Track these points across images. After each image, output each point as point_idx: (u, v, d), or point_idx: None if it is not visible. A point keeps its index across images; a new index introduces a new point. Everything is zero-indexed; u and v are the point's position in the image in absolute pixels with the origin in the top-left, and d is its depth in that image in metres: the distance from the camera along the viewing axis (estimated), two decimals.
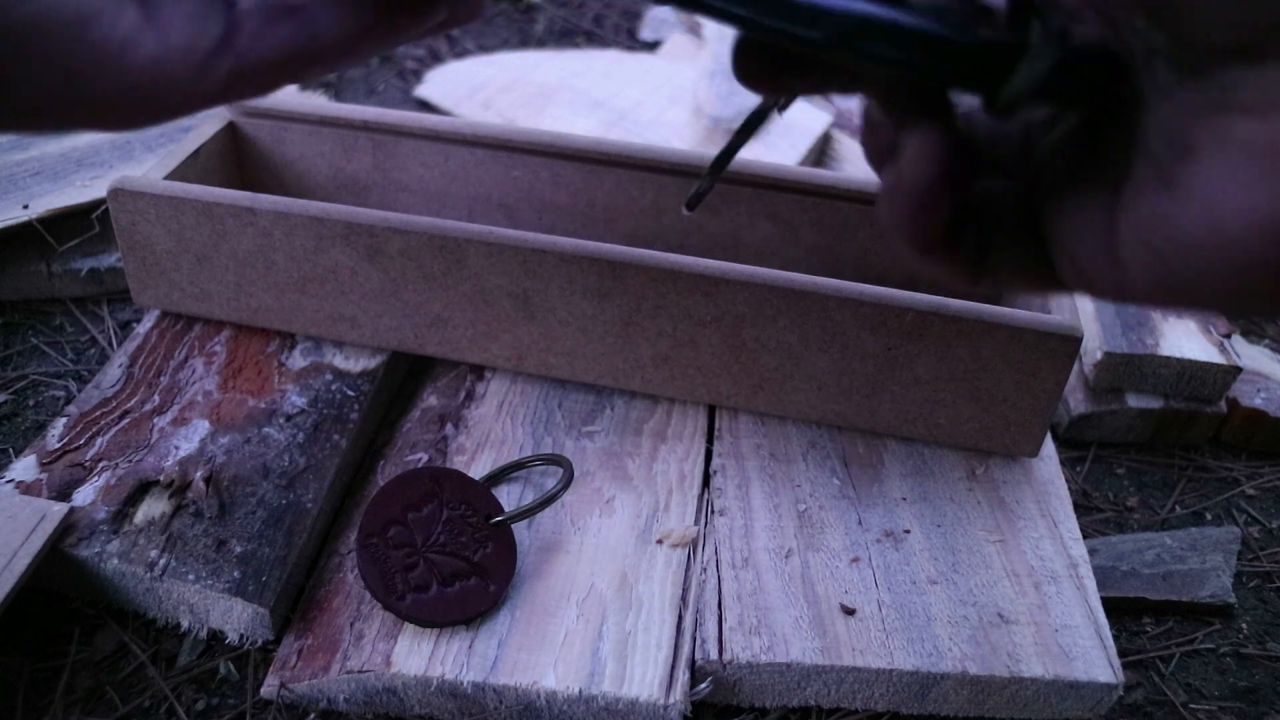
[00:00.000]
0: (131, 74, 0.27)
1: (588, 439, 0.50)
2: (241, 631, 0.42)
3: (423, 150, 0.57)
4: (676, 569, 0.44)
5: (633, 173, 0.56)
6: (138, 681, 0.42)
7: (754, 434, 0.51)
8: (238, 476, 0.46)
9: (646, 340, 0.49)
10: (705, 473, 0.49)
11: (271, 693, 0.40)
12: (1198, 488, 0.56)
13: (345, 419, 0.49)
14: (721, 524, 0.46)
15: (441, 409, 0.51)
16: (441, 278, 0.49)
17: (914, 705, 0.41)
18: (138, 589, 0.42)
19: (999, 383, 0.47)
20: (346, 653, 0.40)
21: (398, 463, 0.49)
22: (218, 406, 0.49)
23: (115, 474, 0.45)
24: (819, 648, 0.40)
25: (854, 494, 0.48)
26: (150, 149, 0.66)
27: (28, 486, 0.44)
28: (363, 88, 0.90)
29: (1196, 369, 0.56)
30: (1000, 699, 0.41)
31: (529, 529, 0.45)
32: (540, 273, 0.48)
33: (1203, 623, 0.48)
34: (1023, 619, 0.42)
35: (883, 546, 0.45)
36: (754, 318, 0.47)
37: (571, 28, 1.06)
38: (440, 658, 0.39)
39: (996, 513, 0.47)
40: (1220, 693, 0.45)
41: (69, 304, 0.62)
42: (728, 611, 0.42)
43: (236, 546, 0.42)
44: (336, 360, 0.53)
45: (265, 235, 0.49)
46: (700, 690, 0.40)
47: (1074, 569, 0.45)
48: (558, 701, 0.39)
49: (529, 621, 0.41)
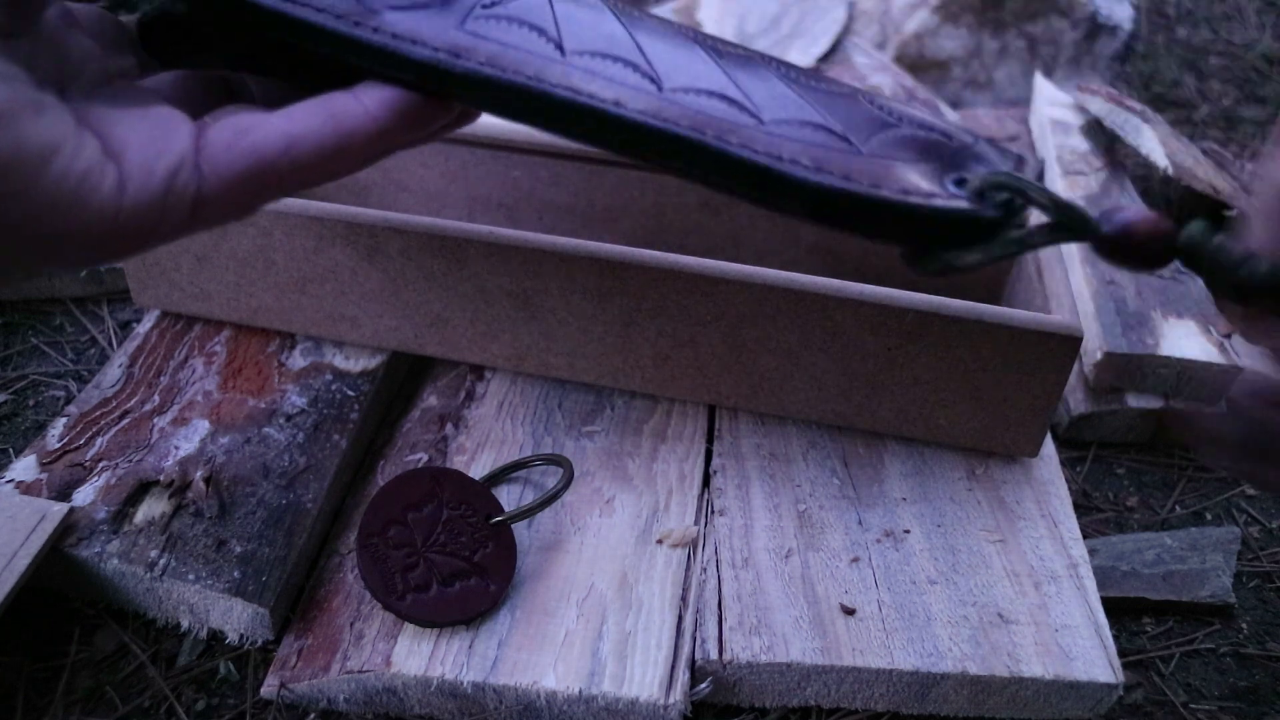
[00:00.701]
0: (90, 211, 0.25)
1: (588, 439, 0.50)
2: (241, 631, 0.42)
3: (423, 150, 0.57)
4: (676, 569, 0.44)
5: (633, 173, 0.56)
6: (138, 681, 0.42)
7: (754, 434, 0.51)
8: (238, 476, 0.46)
9: (646, 340, 0.49)
10: (705, 473, 0.49)
11: (271, 693, 0.40)
12: (1198, 488, 0.56)
13: (345, 419, 0.49)
14: (721, 524, 0.46)
15: (441, 409, 0.51)
16: (441, 278, 0.49)
17: (914, 705, 0.41)
18: (138, 589, 0.42)
19: (999, 383, 0.47)
20: (346, 653, 0.40)
21: (398, 463, 0.49)
22: (218, 406, 0.49)
23: (115, 474, 0.45)
24: (819, 648, 0.40)
25: (854, 494, 0.48)
26: None
27: (28, 486, 0.44)
28: None
29: (1196, 369, 0.56)
30: (1000, 699, 0.41)
31: (529, 529, 0.45)
32: (540, 273, 0.48)
33: (1203, 623, 0.48)
34: (1023, 619, 0.42)
35: (883, 546, 0.45)
36: (754, 318, 0.47)
37: None
38: (440, 658, 0.39)
39: (996, 513, 0.47)
40: (1220, 693, 0.45)
41: (69, 304, 0.62)
42: (728, 611, 0.42)
43: (236, 546, 0.42)
44: (336, 360, 0.53)
45: (265, 235, 0.49)
46: (700, 690, 0.40)
47: (1074, 569, 0.45)
48: (558, 701, 0.39)
49: (529, 621, 0.41)
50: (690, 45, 0.34)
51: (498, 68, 0.31)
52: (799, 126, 0.32)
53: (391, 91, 0.30)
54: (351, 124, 0.29)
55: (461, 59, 0.31)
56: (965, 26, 0.92)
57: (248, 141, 0.28)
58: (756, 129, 0.31)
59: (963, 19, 0.92)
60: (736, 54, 0.34)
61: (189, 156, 0.27)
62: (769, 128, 0.31)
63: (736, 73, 0.33)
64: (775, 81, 0.33)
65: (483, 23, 0.32)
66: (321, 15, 0.31)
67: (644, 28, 0.34)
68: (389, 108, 0.30)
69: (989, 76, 0.94)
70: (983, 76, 0.94)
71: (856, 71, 0.85)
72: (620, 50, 0.33)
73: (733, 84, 0.32)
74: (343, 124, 0.29)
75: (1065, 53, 0.95)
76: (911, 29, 0.91)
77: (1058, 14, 0.93)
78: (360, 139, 0.30)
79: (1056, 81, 0.91)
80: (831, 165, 0.31)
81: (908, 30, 0.92)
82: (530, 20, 0.33)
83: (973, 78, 0.94)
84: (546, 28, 0.33)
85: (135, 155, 0.26)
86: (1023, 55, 0.94)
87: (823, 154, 0.31)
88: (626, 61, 0.32)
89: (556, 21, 0.33)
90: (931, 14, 0.91)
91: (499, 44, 0.32)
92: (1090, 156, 0.76)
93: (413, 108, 0.31)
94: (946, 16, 0.91)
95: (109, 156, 0.26)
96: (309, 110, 0.29)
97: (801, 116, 0.32)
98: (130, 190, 0.26)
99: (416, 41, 0.31)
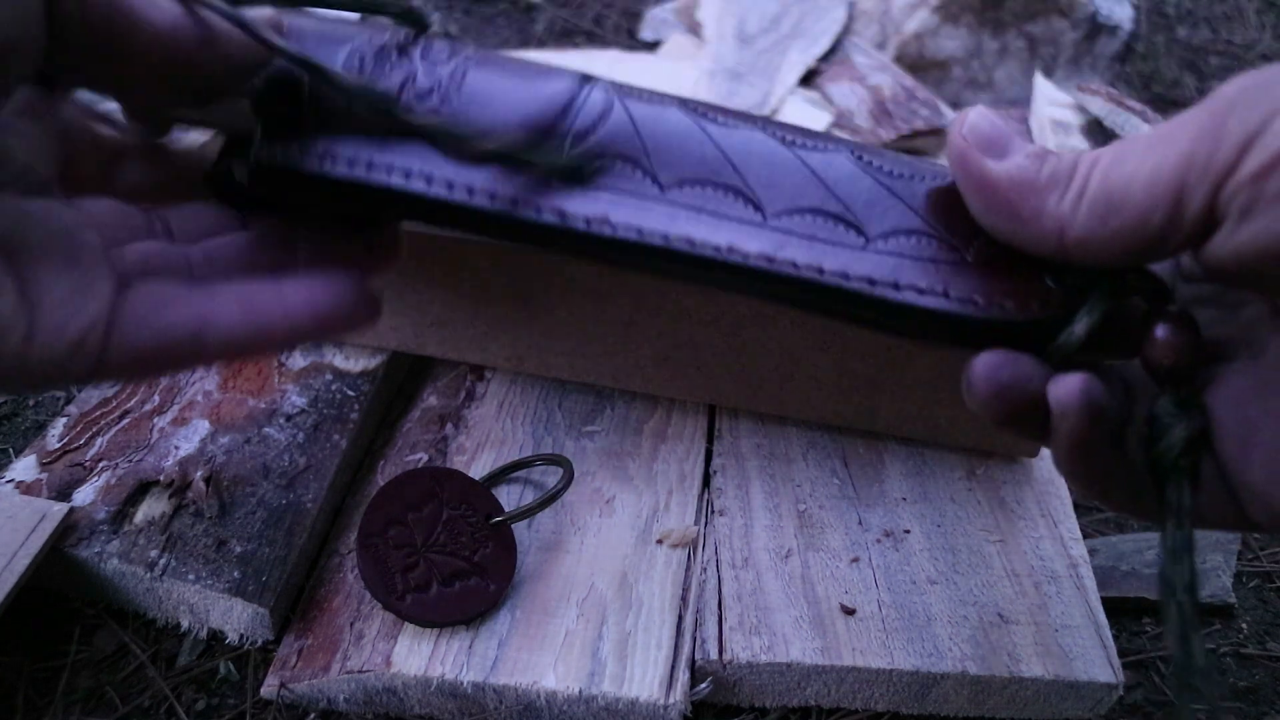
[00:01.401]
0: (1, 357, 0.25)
1: (588, 439, 0.50)
2: (241, 631, 0.42)
3: None
4: (676, 569, 0.44)
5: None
6: (138, 681, 0.42)
7: (754, 434, 0.51)
8: (238, 476, 0.46)
9: (646, 340, 0.49)
10: (705, 473, 0.49)
11: (271, 693, 0.40)
12: None
13: (345, 419, 0.49)
14: (721, 524, 0.46)
15: (441, 409, 0.51)
16: (442, 278, 0.49)
17: (914, 705, 0.41)
18: (138, 589, 0.42)
19: None
20: (346, 653, 0.40)
21: (398, 463, 0.49)
22: (218, 406, 0.49)
23: (115, 474, 0.45)
24: (819, 648, 0.40)
25: (854, 494, 0.48)
26: None
27: (28, 486, 0.44)
28: None
29: None
30: (1000, 699, 0.41)
31: (529, 529, 0.45)
32: (540, 273, 0.48)
33: (1203, 623, 0.48)
34: (1023, 619, 0.42)
35: (883, 546, 0.45)
36: (754, 318, 0.47)
37: (571, 28, 1.06)
38: (440, 658, 0.39)
39: (996, 512, 0.47)
40: (1220, 693, 0.45)
41: None
42: (728, 611, 0.42)
43: (236, 546, 0.42)
44: (336, 360, 0.53)
45: None
46: (700, 690, 0.40)
47: (1074, 569, 0.45)
48: (558, 701, 0.39)
49: (529, 621, 0.41)
50: (766, 139, 0.33)
51: (606, 224, 0.31)
52: (904, 237, 0.31)
53: (318, 294, 0.30)
54: (268, 324, 0.29)
55: (568, 221, 0.31)
56: (965, 26, 0.92)
57: (161, 321, 0.27)
58: (866, 253, 0.31)
59: (963, 19, 0.92)
60: (811, 144, 0.33)
61: (101, 322, 0.27)
62: (876, 245, 0.31)
63: (826, 171, 0.32)
64: (859, 174, 0.32)
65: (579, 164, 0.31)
66: (434, 188, 0.31)
67: (718, 127, 0.33)
68: (311, 313, 0.30)
69: (989, 76, 0.94)
70: (983, 76, 0.94)
71: (856, 71, 0.85)
72: (715, 171, 0.32)
73: (828, 191, 0.32)
74: (258, 322, 0.29)
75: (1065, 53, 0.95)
76: (911, 29, 0.91)
77: (1058, 14, 0.93)
78: (274, 340, 0.29)
79: (1056, 81, 0.91)
80: (951, 285, 0.30)
81: (908, 30, 0.92)
82: (622, 149, 0.32)
83: (973, 78, 0.94)
84: (638, 156, 0.32)
85: (48, 312, 0.26)
86: (1023, 55, 0.94)
87: (934, 270, 0.30)
88: (727, 187, 0.32)
89: (643, 141, 0.32)
90: (931, 14, 0.91)
91: (601, 194, 0.31)
92: None
93: (336, 316, 0.30)
94: (946, 16, 0.91)
95: (22, 305, 0.25)
96: (230, 298, 0.29)
97: (902, 224, 0.31)
98: (37, 344, 0.26)
99: (519, 202, 0.31)
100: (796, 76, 0.83)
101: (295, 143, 0.31)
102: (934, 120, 0.78)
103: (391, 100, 0.31)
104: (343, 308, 0.31)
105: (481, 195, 0.31)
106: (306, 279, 0.31)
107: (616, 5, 1.10)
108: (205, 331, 0.28)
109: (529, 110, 0.31)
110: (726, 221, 0.31)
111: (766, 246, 0.31)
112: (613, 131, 0.32)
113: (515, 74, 0.32)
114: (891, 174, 0.32)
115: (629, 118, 0.32)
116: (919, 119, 0.78)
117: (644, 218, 0.31)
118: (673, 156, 0.32)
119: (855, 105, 0.80)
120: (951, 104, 0.90)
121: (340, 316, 0.31)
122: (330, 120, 0.31)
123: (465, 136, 0.31)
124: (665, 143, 0.32)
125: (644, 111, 0.32)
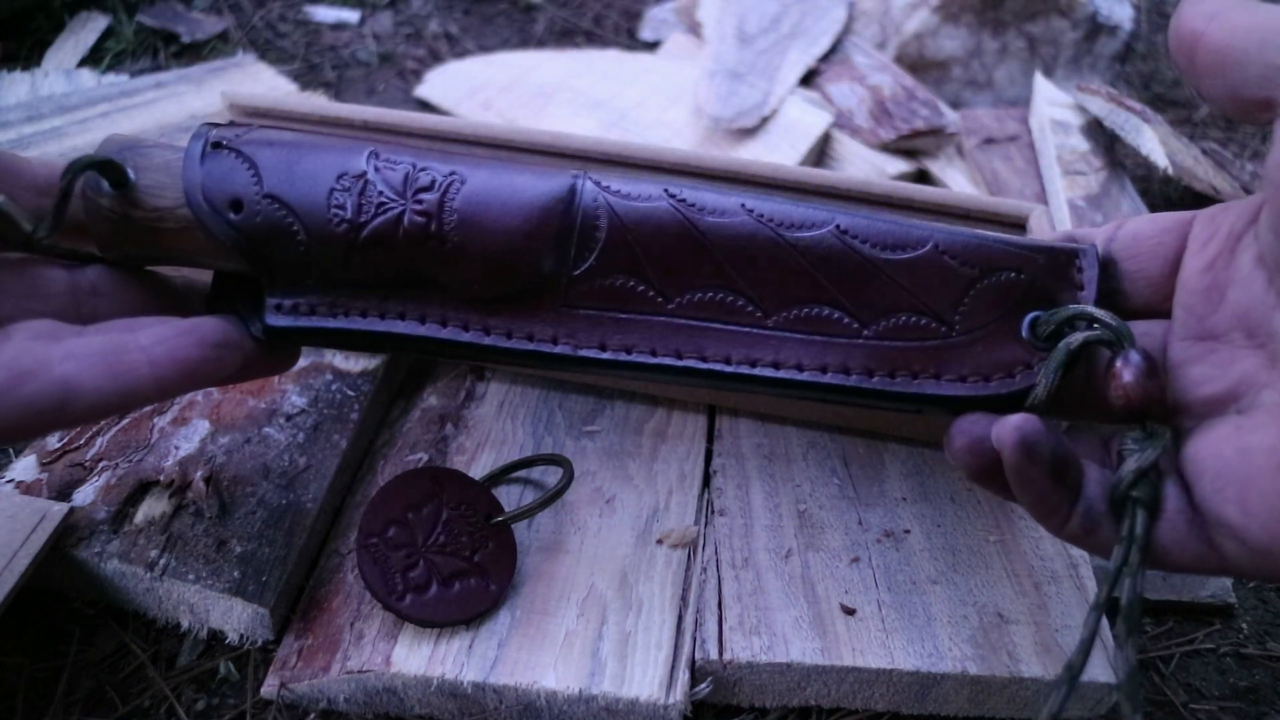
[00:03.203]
0: None
1: (588, 439, 0.50)
2: (241, 631, 0.42)
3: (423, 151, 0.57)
4: (676, 569, 0.44)
5: (633, 173, 0.56)
6: (138, 681, 0.42)
7: (754, 434, 0.51)
8: (238, 476, 0.46)
9: None
10: (705, 473, 0.49)
11: (271, 693, 0.40)
12: None
13: (345, 419, 0.49)
14: (721, 524, 0.46)
15: (441, 409, 0.51)
16: None
17: (914, 705, 0.41)
18: (138, 589, 0.42)
19: None
20: (346, 653, 0.40)
21: (398, 463, 0.49)
22: (218, 406, 0.49)
23: (115, 474, 0.45)
24: (819, 648, 0.40)
25: (854, 494, 0.48)
26: None
27: (28, 486, 0.44)
28: (363, 87, 0.90)
29: None
30: (1000, 699, 0.41)
31: (529, 529, 0.45)
32: None
33: (1203, 623, 0.48)
34: (1023, 619, 0.42)
35: (883, 546, 0.45)
36: None
37: (571, 28, 1.06)
38: (440, 658, 0.39)
39: (996, 513, 0.47)
40: (1220, 693, 0.45)
41: None
42: (728, 611, 0.42)
43: (236, 546, 0.42)
44: (336, 360, 0.52)
45: None
46: (700, 690, 0.40)
47: (1074, 569, 0.45)
48: (558, 701, 0.39)
49: (529, 621, 0.41)
50: (758, 229, 0.33)
51: (616, 350, 0.32)
52: (895, 318, 0.33)
53: (178, 344, 0.30)
54: (133, 381, 0.29)
55: (581, 350, 0.32)
56: (965, 26, 0.92)
57: (24, 393, 0.27)
58: (861, 342, 0.32)
59: (963, 19, 0.92)
60: (798, 221, 0.34)
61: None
62: (870, 335, 0.32)
63: (815, 254, 0.33)
64: (846, 252, 0.33)
65: (585, 284, 0.33)
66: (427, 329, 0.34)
67: (709, 221, 0.33)
68: (174, 363, 0.30)
69: (989, 76, 0.94)
70: (983, 76, 0.94)
71: (856, 71, 0.85)
72: (713, 275, 0.33)
73: (822, 279, 0.33)
74: (124, 380, 0.29)
75: (1065, 53, 0.95)
76: (911, 29, 0.91)
77: (1058, 14, 0.93)
78: (143, 395, 0.29)
79: (1056, 81, 0.91)
80: (942, 366, 0.32)
81: (908, 30, 0.92)
82: (624, 262, 0.33)
83: (973, 78, 0.94)
84: (641, 269, 0.33)
85: None
86: (1023, 55, 0.94)
87: (924, 354, 0.32)
88: (728, 289, 0.33)
89: (641, 256, 0.33)
90: (931, 14, 0.91)
91: (606, 320, 0.33)
92: (1090, 156, 0.76)
93: (200, 366, 0.30)
94: (946, 16, 0.91)
95: None
96: (94, 359, 0.29)
97: (892, 304, 0.33)
98: None
99: (534, 338, 0.33)
100: (796, 76, 0.83)
101: (302, 299, 0.33)
102: (934, 120, 0.78)
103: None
104: (208, 362, 0.30)
105: (498, 334, 0.33)
106: (161, 323, 0.30)
107: (616, 5, 1.10)
108: (71, 401, 0.28)
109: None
110: (731, 331, 0.33)
111: (771, 354, 0.32)
112: (612, 243, 0.33)
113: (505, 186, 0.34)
114: (878, 246, 0.33)
115: (620, 224, 0.33)
116: (919, 119, 0.78)
117: (656, 340, 0.32)
118: (671, 263, 0.33)
119: (855, 105, 0.80)
120: (951, 104, 0.90)
121: (211, 371, 0.30)
122: (328, 274, 0.33)
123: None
124: (661, 251, 0.33)
125: (634, 214, 0.33)
